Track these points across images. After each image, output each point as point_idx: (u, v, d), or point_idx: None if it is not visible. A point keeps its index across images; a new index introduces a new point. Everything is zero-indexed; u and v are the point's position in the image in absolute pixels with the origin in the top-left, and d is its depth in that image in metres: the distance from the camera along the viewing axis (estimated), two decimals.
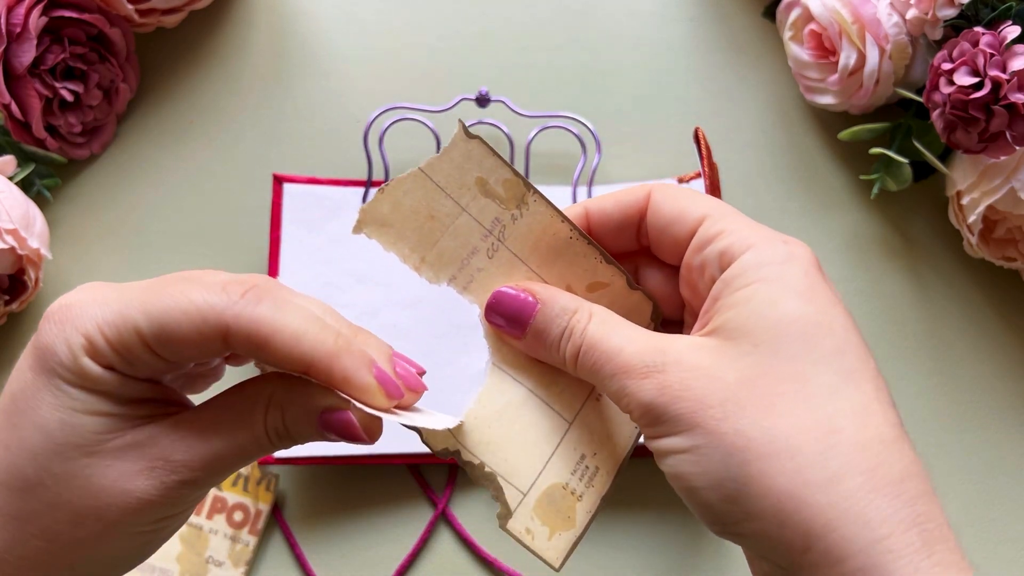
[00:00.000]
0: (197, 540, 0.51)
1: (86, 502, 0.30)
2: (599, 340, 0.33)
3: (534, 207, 0.34)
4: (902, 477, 0.29)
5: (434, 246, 0.34)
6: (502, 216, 0.34)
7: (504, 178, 0.34)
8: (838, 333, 0.31)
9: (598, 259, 0.35)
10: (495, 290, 0.35)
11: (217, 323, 0.29)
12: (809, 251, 0.33)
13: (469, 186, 0.34)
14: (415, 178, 0.33)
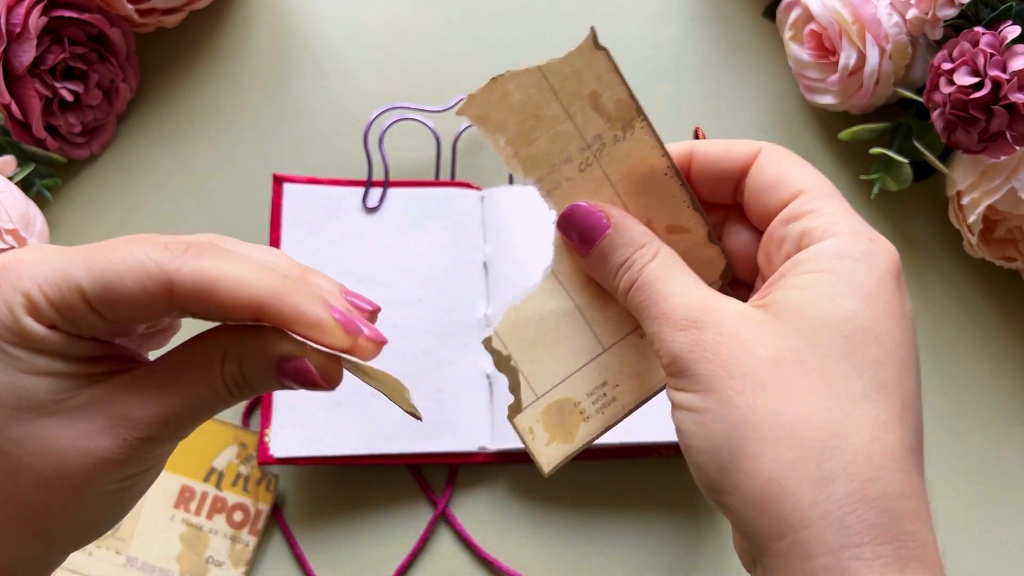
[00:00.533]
0: (197, 540, 0.51)
1: (49, 465, 0.30)
2: (654, 281, 0.33)
3: (639, 134, 0.35)
4: (898, 495, 0.29)
5: (531, 144, 0.34)
6: (604, 134, 0.34)
7: (618, 97, 0.34)
8: (885, 344, 0.30)
9: (686, 203, 0.35)
10: (573, 202, 0.35)
11: (160, 277, 0.29)
12: (892, 254, 0.33)
13: (581, 96, 0.34)
14: (531, 75, 0.34)
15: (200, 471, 0.52)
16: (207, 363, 0.31)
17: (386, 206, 0.56)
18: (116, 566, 0.50)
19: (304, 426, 0.52)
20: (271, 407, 0.52)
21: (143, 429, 0.30)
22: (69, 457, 0.30)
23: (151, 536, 0.51)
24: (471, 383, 0.54)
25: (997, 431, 0.56)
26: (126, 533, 0.51)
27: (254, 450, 0.53)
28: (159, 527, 0.51)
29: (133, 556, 0.51)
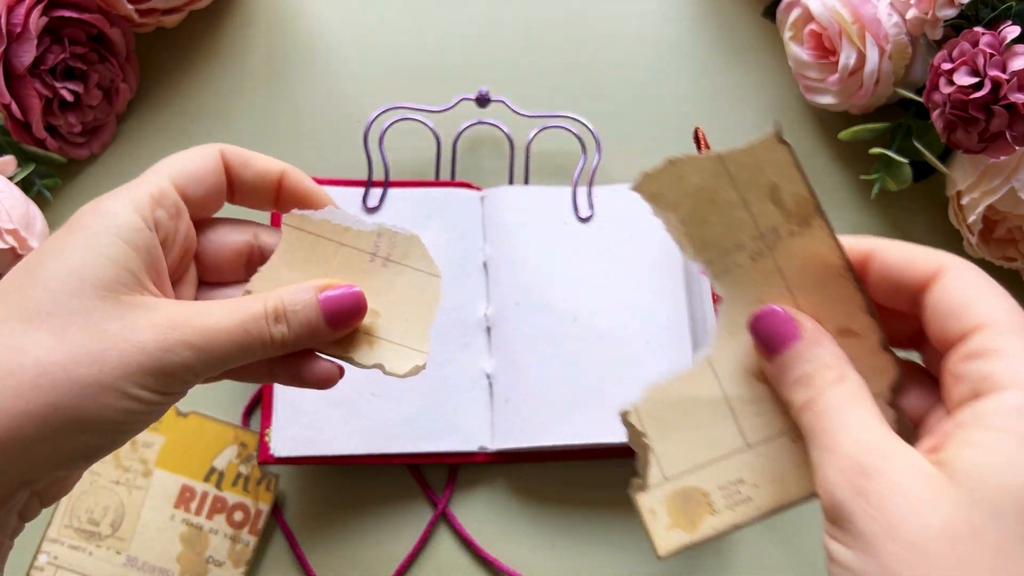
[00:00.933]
0: (197, 540, 0.51)
1: (88, 342, 0.32)
2: (832, 409, 0.31)
3: (816, 231, 0.34)
4: None
5: (703, 226, 0.34)
6: (780, 227, 0.34)
7: (798, 193, 0.34)
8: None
9: (861, 306, 0.34)
10: (770, 305, 0.34)
11: (215, 148, 0.38)
12: None
13: (760, 186, 0.34)
14: (710, 161, 0.34)
15: (200, 471, 0.52)
16: (251, 299, 0.36)
17: (386, 206, 0.56)
18: (116, 566, 0.50)
19: (304, 426, 0.52)
20: (271, 407, 0.52)
21: (183, 332, 0.33)
22: (110, 339, 0.32)
23: (151, 536, 0.51)
24: (471, 383, 0.54)
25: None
26: (126, 533, 0.51)
27: (254, 450, 0.53)
28: (159, 527, 0.51)
29: (133, 556, 0.51)
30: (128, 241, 0.34)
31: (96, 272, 0.33)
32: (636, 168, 0.59)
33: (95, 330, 0.32)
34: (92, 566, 0.50)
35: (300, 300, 0.36)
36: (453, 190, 0.57)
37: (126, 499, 0.51)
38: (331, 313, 0.36)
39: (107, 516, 0.51)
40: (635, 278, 0.54)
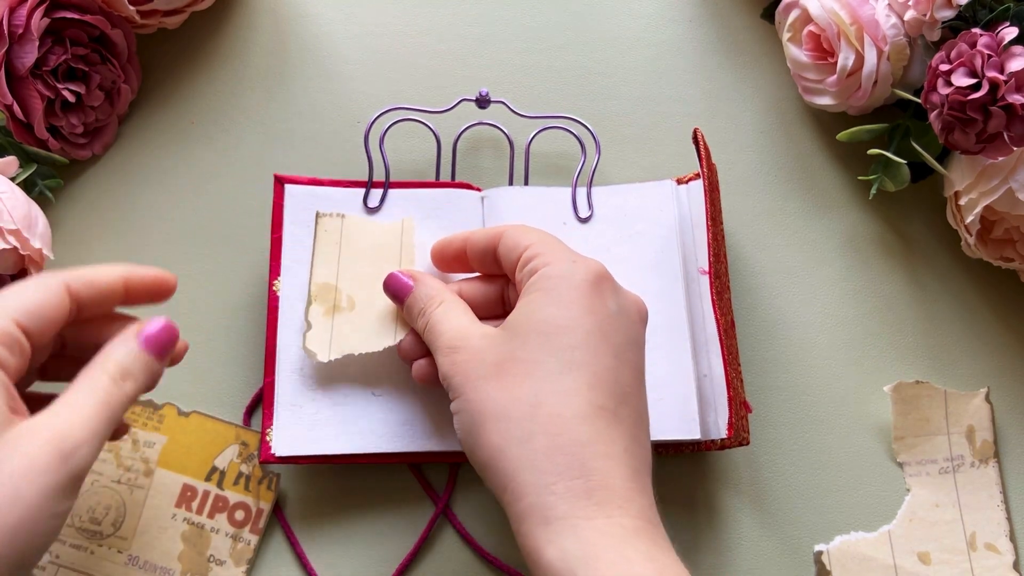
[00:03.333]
0: (199, 539, 0.51)
1: (3, 484, 0.35)
2: (437, 322, 0.45)
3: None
4: (584, 443, 0.39)
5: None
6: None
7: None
8: (575, 334, 0.41)
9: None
10: (392, 272, 0.50)
11: (59, 280, 0.41)
12: (592, 269, 0.43)
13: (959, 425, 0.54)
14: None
15: (202, 470, 0.52)
16: (92, 375, 0.40)
17: (387, 207, 0.56)
18: (118, 565, 0.50)
19: (305, 425, 0.52)
20: (272, 406, 0.52)
21: (73, 436, 0.37)
22: (19, 476, 0.35)
23: (153, 535, 0.51)
24: None
25: (996, 432, 0.56)
26: (127, 532, 0.51)
27: (255, 449, 0.53)
28: (160, 526, 0.51)
29: (135, 555, 0.51)
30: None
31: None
32: (635, 168, 0.60)
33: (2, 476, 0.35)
34: (94, 565, 0.50)
35: (130, 353, 0.41)
36: (453, 191, 0.57)
37: (127, 498, 0.51)
38: (156, 349, 0.42)
39: (108, 515, 0.51)
40: (634, 278, 0.54)
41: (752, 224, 0.60)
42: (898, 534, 0.52)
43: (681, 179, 0.58)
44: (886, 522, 0.54)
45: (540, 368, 0.40)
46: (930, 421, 0.54)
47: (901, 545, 0.52)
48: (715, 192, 0.56)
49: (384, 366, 0.53)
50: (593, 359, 0.40)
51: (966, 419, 0.54)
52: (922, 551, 0.52)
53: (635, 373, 0.42)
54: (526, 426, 0.39)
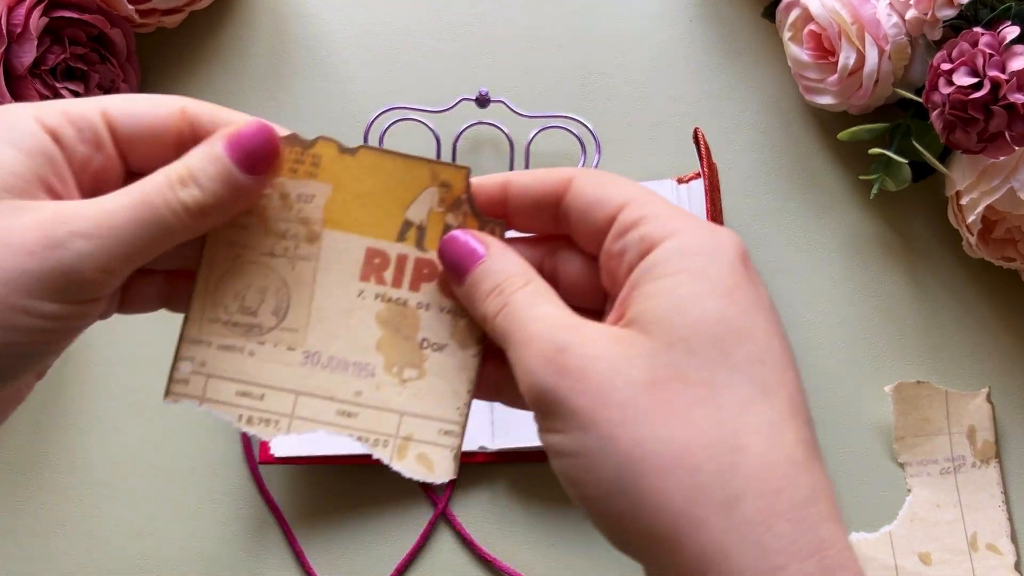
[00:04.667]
0: (403, 320, 0.35)
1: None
2: (522, 306, 0.31)
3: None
4: (807, 501, 0.27)
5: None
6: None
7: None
8: (759, 340, 0.28)
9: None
10: (452, 232, 0.33)
11: (176, 100, 0.32)
12: (737, 241, 0.31)
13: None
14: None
15: (391, 226, 0.35)
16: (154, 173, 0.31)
17: None
18: (291, 366, 0.35)
19: None
20: None
21: (72, 222, 0.29)
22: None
23: (335, 322, 0.35)
24: None
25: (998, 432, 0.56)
26: (297, 321, 0.35)
27: (463, 192, 0.35)
28: (344, 308, 0.35)
29: (314, 351, 0.35)
30: (17, 145, 0.29)
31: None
32: (635, 168, 0.60)
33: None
34: (255, 370, 0.35)
35: (204, 154, 0.31)
36: None
37: (288, 276, 0.35)
38: (241, 155, 0.32)
39: (265, 301, 0.35)
40: None
41: (753, 224, 0.59)
42: (899, 534, 0.52)
43: (682, 178, 0.57)
44: (887, 522, 0.54)
45: (725, 395, 0.27)
46: (931, 421, 0.54)
47: (902, 545, 0.52)
48: (716, 192, 0.56)
49: None
50: (782, 375, 0.28)
51: (967, 419, 0.54)
52: (923, 551, 0.52)
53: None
54: (729, 483, 0.26)
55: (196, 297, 0.34)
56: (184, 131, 0.32)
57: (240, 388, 0.34)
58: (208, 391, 0.34)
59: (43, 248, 0.28)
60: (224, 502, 0.54)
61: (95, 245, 0.28)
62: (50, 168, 0.30)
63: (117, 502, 0.54)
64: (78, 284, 0.29)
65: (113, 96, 0.32)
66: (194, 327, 0.34)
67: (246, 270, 0.34)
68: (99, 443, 0.55)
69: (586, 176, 0.32)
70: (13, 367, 0.29)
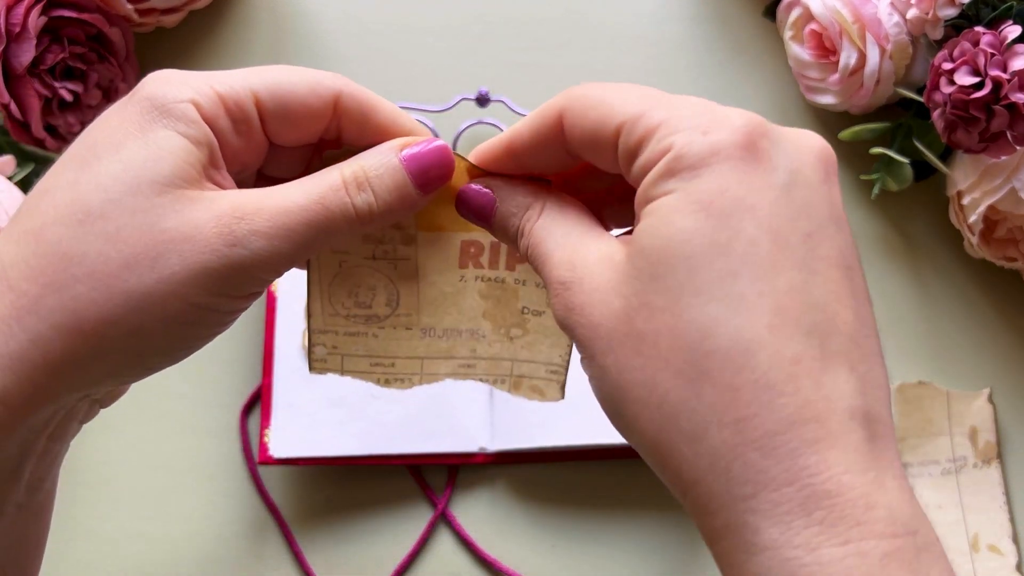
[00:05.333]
0: (503, 295, 0.38)
1: (145, 242, 0.28)
2: (539, 242, 0.30)
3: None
4: (783, 426, 0.25)
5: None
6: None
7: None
8: (735, 251, 0.26)
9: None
10: (461, 187, 0.33)
11: (331, 87, 0.31)
12: (738, 127, 0.27)
13: None
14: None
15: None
16: (327, 170, 0.31)
17: None
18: (412, 340, 0.39)
19: (304, 427, 0.52)
20: (270, 407, 0.52)
21: (252, 221, 0.29)
22: (169, 239, 0.28)
23: (443, 303, 0.38)
24: (471, 384, 0.54)
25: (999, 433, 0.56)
26: (409, 308, 0.38)
27: (469, 168, 0.36)
28: (447, 292, 0.38)
29: (428, 327, 0.39)
30: (186, 135, 0.29)
31: (155, 167, 0.29)
32: None
33: (152, 230, 0.28)
34: (382, 346, 0.38)
35: (382, 163, 0.31)
36: None
37: (392, 274, 0.37)
38: (418, 171, 0.31)
39: (377, 296, 0.37)
40: None
41: None
42: None
43: None
44: None
45: (689, 317, 0.26)
46: (932, 422, 0.54)
47: None
48: None
49: None
50: (763, 283, 0.26)
51: (969, 420, 0.54)
52: None
53: (838, 275, 0.27)
54: (694, 413, 0.26)
55: (313, 298, 0.36)
56: (332, 117, 0.32)
57: (372, 360, 0.38)
58: (345, 365, 0.37)
59: (224, 245, 0.28)
60: (223, 503, 0.54)
61: (271, 246, 0.29)
62: (213, 157, 0.30)
63: (116, 503, 0.54)
64: (247, 280, 0.29)
65: (262, 72, 0.31)
66: (318, 320, 0.36)
67: (353, 272, 0.36)
68: (98, 444, 0.55)
69: (572, 110, 0.30)
70: (163, 359, 0.30)
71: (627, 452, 0.53)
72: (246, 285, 0.30)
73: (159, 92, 0.30)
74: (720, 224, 0.26)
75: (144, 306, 0.28)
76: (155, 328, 0.28)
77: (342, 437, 0.52)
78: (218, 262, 0.28)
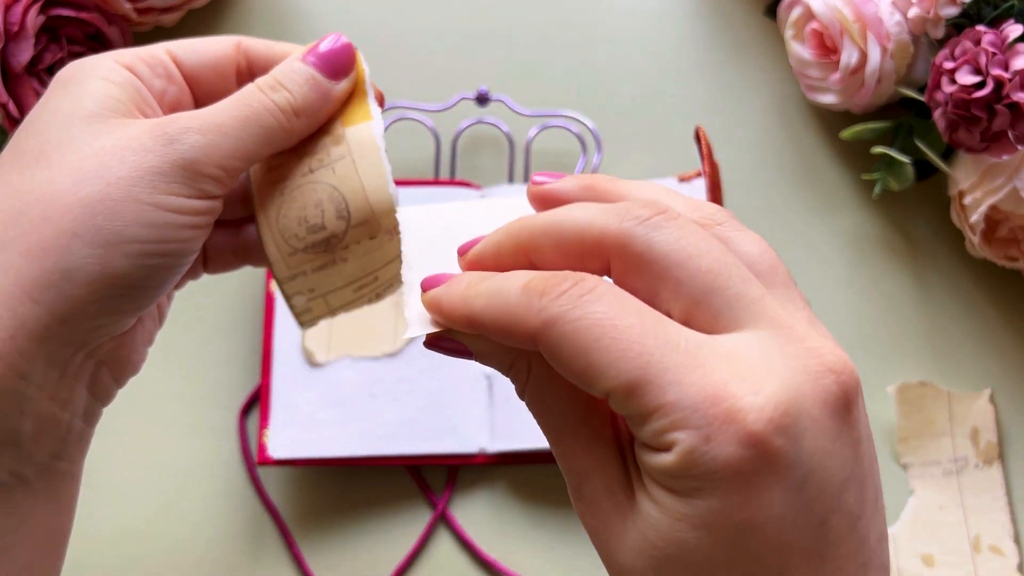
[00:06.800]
0: None
1: (87, 159, 0.30)
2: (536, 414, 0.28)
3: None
4: None
5: None
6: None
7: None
8: (738, 568, 0.24)
9: None
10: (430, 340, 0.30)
11: (231, 37, 0.36)
12: (749, 444, 0.23)
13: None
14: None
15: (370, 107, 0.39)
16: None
17: None
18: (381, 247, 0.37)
19: (303, 427, 0.52)
20: (269, 407, 0.52)
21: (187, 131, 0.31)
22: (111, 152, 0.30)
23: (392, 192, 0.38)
24: (470, 384, 0.54)
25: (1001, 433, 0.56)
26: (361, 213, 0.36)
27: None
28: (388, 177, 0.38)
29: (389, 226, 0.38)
30: (107, 78, 0.32)
31: (81, 104, 0.31)
32: (636, 166, 0.60)
33: (92, 149, 0.30)
34: (356, 268, 0.37)
35: (288, 66, 0.34)
36: (453, 189, 0.56)
37: (333, 179, 0.36)
38: (323, 62, 0.35)
39: (326, 211, 0.36)
40: None
41: (754, 223, 0.59)
42: (902, 536, 0.52)
43: (683, 177, 0.57)
44: (890, 524, 0.53)
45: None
46: (934, 422, 0.54)
47: (905, 547, 0.51)
48: (717, 191, 0.55)
49: (383, 367, 0.53)
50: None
51: (970, 420, 0.53)
52: (926, 553, 0.52)
53: (856, 540, 0.25)
54: None
55: (267, 241, 0.35)
56: (241, 64, 0.35)
57: (355, 285, 0.37)
58: (331, 303, 0.37)
59: (160, 145, 0.30)
60: (222, 504, 0.54)
61: (208, 139, 0.31)
62: (139, 95, 0.33)
63: (114, 503, 0.54)
64: (198, 176, 0.31)
65: (177, 40, 0.35)
66: (281, 268, 0.36)
67: (295, 196, 0.35)
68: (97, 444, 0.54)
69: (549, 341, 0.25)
70: (158, 271, 0.31)
71: None
72: (200, 181, 0.31)
73: (73, 65, 0.33)
74: (722, 544, 0.24)
75: (101, 213, 0.29)
76: (119, 240, 0.29)
77: (341, 437, 0.52)
78: (159, 160, 0.30)
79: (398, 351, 0.50)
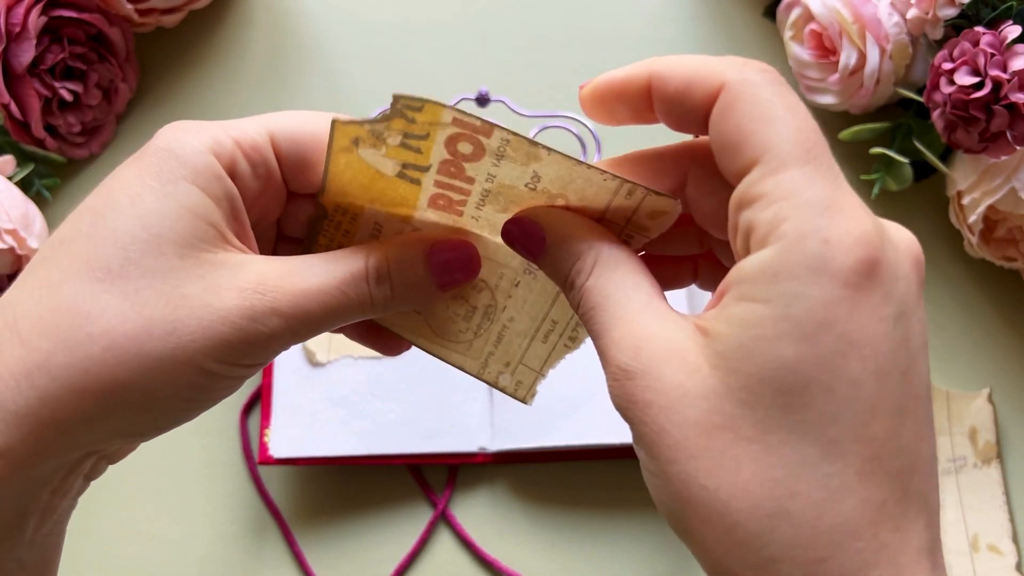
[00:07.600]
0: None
1: (164, 306, 0.27)
2: (593, 308, 0.28)
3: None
4: (854, 569, 0.24)
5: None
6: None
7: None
8: (837, 393, 0.24)
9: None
10: (514, 216, 0.31)
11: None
12: (855, 253, 0.24)
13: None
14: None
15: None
16: (352, 251, 0.31)
17: None
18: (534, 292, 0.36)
19: (304, 427, 0.52)
20: (270, 407, 0.52)
21: (273, 298, 0.28)
22: (188, 305, 0.28)
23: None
24: (471, 384, 0.54)
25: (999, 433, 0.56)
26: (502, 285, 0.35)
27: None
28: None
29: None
30: (206, 189, 0.29)
31: (175, 226, 0.28)
32: None
33: (172, 295, 0.28)
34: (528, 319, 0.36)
35: (407, 258, 0.31)
36: None
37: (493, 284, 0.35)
38: (441, 272, 0.31)
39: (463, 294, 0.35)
40: None
41: None
42: None
43: None
44: None
45: (781, 454, 0.25)
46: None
47: None
48: None
49: (384, 366, 0.53)
50: (862, 430, 0.24)
51: (968, 420, 0.53)
52: None
53: (923, 412, 0.26)
54: (763, 549, 0.25)
55: (443, 357, 0.35)
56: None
57: (538, 337, 0.35)
58: (531, 365, 0.35)
59: (243, 319, 0.28)
60: (223, 503, 0.54)
61: (287, 325, 0.29)
62: (232, 211, 0.30)
63: (116, 503, 0.54)
64: (257, 352, 0.29)
65: (278, 117, 0.31)
66: (472, 365, 0.35)
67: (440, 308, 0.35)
68: None
69: (733, 97, 0.26)
70: (170, 421, 0.30)
71: (627, 452, 0.53)
72: (257, 356, 0.29)
73: (176, 142, 0.30)
74: (824, 361, 0.24)
75: (157, 370, 0.28)
76: (165, 392, 0.28)
77: (342, 437, 0.52)
78: (235, 335, 0.28)
79: None
